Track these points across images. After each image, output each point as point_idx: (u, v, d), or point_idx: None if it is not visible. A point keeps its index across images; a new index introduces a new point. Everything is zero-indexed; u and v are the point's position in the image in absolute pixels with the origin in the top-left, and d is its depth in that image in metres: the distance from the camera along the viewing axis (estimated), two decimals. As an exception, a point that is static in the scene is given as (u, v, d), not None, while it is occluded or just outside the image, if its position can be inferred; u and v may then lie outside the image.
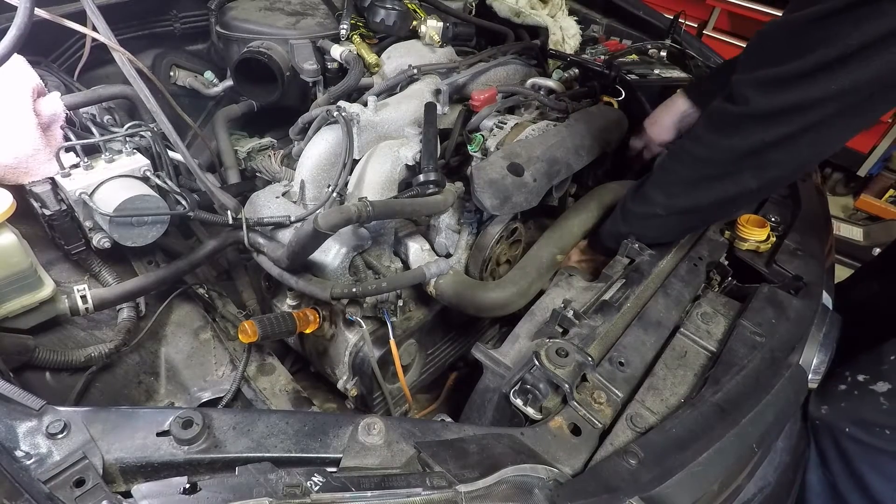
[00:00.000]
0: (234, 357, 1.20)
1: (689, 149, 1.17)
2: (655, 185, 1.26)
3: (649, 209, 1.27)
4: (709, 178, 1.15)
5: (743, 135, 1.05)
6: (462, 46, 1.89)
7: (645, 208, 1.28)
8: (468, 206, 1.34)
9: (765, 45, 1.05)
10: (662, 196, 1.24)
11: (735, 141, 1.07)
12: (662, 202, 1.24)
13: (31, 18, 0.92)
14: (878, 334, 1.36)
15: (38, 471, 0.70)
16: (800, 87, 0.95)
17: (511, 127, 1.41)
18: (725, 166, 1.11)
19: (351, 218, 1.06)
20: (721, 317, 1.20)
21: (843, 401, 1.30)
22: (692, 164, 1.17)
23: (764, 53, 1.03)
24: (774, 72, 0.98)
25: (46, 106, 1.14)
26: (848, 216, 3.69)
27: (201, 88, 1.75)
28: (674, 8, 2.30)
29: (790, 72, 0.96)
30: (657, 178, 1.26)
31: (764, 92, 1.00)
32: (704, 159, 1.13)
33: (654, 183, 1.26)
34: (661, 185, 1.24)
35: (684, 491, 0.85)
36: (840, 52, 0.90)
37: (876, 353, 1.29)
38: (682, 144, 1.20)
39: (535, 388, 0.97)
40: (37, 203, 1.13)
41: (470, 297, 1.23)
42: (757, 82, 1.01)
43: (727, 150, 1.09)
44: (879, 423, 1.25)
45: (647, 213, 1.28)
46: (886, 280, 1.71)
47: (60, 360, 1.05)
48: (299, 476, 0.71)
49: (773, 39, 1.04)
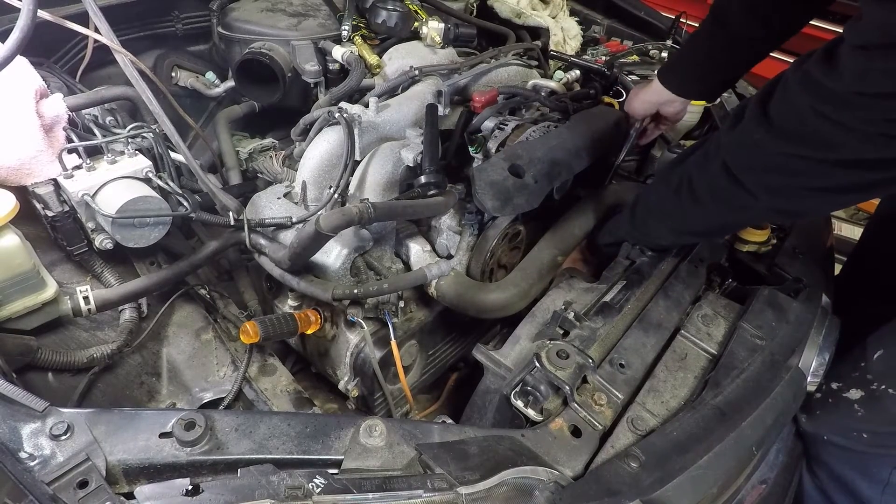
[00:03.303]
0: (236, 358, 1.20)
1: (699, 213, 1.13)
2: (660, 223, 1.24)
3: (654, 241, 1.30)
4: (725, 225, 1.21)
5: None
6: (463, 48, 1.88)
7: (649, 240, 1.30)
8: (469, 207, 1.35)
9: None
10: (670, 235, 1.25)
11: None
12: (670, 238, 1.26)
13: (34, 20, 0.92)
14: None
15: (42, 472, 0.70)
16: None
17: (512, 128, 1.41)
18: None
19: (352, 219, 1.06)
20: (721, 319, 1.20)
21: (818, 409, 1.30)
22: (704, 223, 1.18)
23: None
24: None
25: (49, 107, 1.14)
26: (849, 216, 3.69)
27: (203, 89, 1.75)
28: (675, 8, 2.31)
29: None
30: (661, 217, 1.23)
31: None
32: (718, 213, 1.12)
33: (659, 221, 1.24)
34: (666, 226, 1.24)
35: (685, 494, 0.86)
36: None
37: (847, 361, 1.28)
38: (689, 204, 1.12)
39: (535, 389, 0.98)
40: (39, 204, 1.13)
41: (471, 298, 1.23)
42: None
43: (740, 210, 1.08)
44: (857, 429, 1.24)
45: (651, 242, 1.31)
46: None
47: (63, 360, 1.05)
48: (301, 478, 0.72)
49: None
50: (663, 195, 1.20)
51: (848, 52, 0.81)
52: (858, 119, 0.81)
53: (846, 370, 1.27)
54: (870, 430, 1.23)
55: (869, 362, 1.24)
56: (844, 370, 1.27)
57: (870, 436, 1.23)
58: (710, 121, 1.75)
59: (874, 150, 0.83)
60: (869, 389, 1.22)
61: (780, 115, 0.91)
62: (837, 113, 0.83)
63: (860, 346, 1.28)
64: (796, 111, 0.88)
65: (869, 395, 1.22)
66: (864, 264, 1.72)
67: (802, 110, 0.87)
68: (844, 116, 0.82)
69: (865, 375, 1.24)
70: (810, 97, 0.86)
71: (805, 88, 0.87)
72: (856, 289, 1.56)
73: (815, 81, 0.85)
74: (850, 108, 0.81)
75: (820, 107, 0.84)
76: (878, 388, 1.21)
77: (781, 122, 0.91)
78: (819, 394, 1.28)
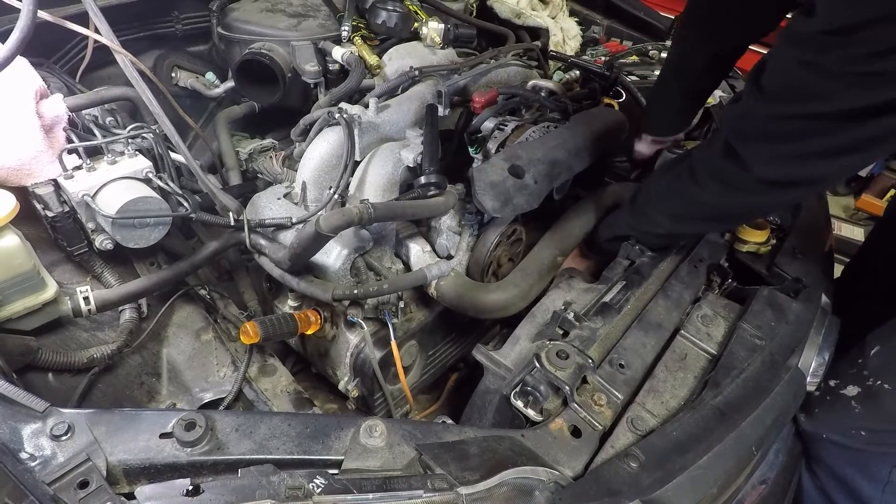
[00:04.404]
0: (236, 358, 1.21)
1: (697, 195, 1.13)
2: (658, 210, 1.24)
3: (652, 228, 1.28)
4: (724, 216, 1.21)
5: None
6: (463, 48, 1.89)
7: (648, 227, 1.29)
8: (469, 207, 1.35)
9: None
10: (668, 222, 1.24)
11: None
12: (667, 226, 1.25)
13: (34, 20, 0.92)
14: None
15: (43, 472, 0.70)
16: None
17: (512, 129, 1.41)
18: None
19: (352, 220, 1.06)
20: (721, 319, 1.20)
21: (816, 407, 1.30)
22: (702, 208, 1.17)
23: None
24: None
25: (49, 108, 1.14)
26: (849, 216, 3.69)
27: (203, 90, 1.75)
28: (675, 8, 2.31)
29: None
30: (660, 203, 1.23)
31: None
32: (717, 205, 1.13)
33: (657, 208, 1.24)
34: (665, 211, 1.23)
35: (684, 494, 0.86)
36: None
37: (844, 358, 1.28)
38: (688, 185, 1.14)
39: (535, 389, 0.98)
40: (39, 205, 1.13)
41: (471, 298, 1.23)
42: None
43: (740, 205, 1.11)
44: (855, 426, 1.25)
45: (650, 231, 1.30)
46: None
47: (63, 361, 1.05)
48: (301, 478, 0.72)
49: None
50: (664, 182, 1.23)
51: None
52: (839, 59, 0.82)
53: (844, 367, 1.27)
54: (868, 427, 1.23)
55: (866, 359, 1.25)
56: (842, 367, 1.27)
57: (868, 434, 1.23)
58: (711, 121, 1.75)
59: (862, 96, 0.83)
60: (866, 385, 1.23)
61: (770, 78, 0.94)
62: (818, 57, 0.84)
63: (858, 344, 1.28)
64: (783, 67, 0.91)
65: (866, 391, 1.23)
66: (865, 264, 1.72)
67: (788, 64, 0.89)
68: (826, 59, 0.83)
69: (862, 372, 1.24)
70: (793, 49, 0.89)
71: (788, 42, 0.91)
72: (857, 289, 1.56)
73: (795, 32, 0.89)
74: (827, 49, 0.83)
75: (801, 55, 0.86)
76: (874, 383, 1.21)
77: (771, 84, 0.93)
78: (817, 392, 1.28)
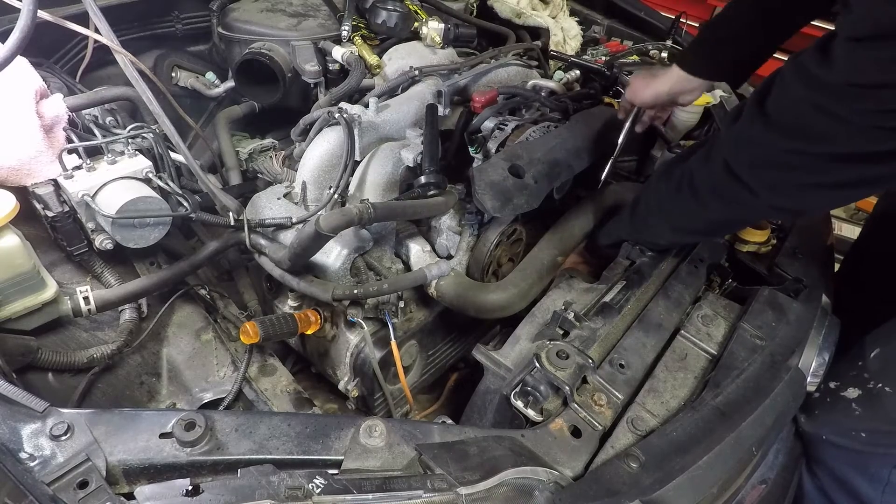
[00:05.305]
0: (236, 358, 1.20)
1: (700, 212, 1.13)
2: (660, 223, 1.24)
3: (654, 239, 1.30)
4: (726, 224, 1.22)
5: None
6: (463, 48, 1.88)
7: (650, 238, 1.30)
8: (469, 207, 1.35)
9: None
10: (669, 234, 1.25)
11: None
12: (669, 237, 1.26)
13: (34, 20, 0.92)
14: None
15: (42, 472, 0.70)
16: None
17: (512, 128, 1.41)
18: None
19: (352, 220, 1.06)
20: (721, 319, 1.20)
21: (817, 409, 1.30)
22: (705, 223, 1.18)
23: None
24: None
25: (49, 108, 1.14)
26: (849, 216, 3.69)
27: (203, 89, 1.75)
28: (675, 8, 2.31)
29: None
30: (661, 216, 1.23)
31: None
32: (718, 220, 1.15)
33: (659, 221, 1.24)
34: (667, 225, 1.23)
35: (684, 494, 0.86)
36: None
37: (845, 360, 1.28)
38: (690, 201, 1.12)
39: (535, 389, 0.98)
40: (39, 205, 1.13)
41: (471, 298, 1.23)
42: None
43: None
44: (855, 428, 1.24)
45: (651, 241, 1.31)
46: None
47: (63, 361, 1.05)
48: (301, 478, 0.72)
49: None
50: (664, 194, 1.20)
51: (841, 43, 0.82)
52: (852, 110, 0.82)
53: (844, 369, 1.27)
54: (868, 429, 1.23)
55: (866, 361, 1.24)
56: (842, 369, 1.27)
57: (868, 435, 1.23)
58: (711, 121, 1.75)
59: (869, 143, 0.84)
60: (866, 388, 1.22)
61: (777, 109, 0.92)
62: (832, 105, 0.84)
63: (858, 345, 1.28)
64: (792, 104, 0.90)
65: (866, 393, 1.22)
66: (860, 264, 1.72)
67: (798, 103, 0.88)
68: (838, 108, 0.83)
69: (863, 374, 1.24)
70: (805, 90, 0.87)
71: (800, 81, 0.88)
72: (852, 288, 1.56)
73: (810, 74, 0.86)
74: (843, 99, 0.82)
75: (815, 99, 0.85)
76: (874, 386, 1.21)
77: (778, 116, 0.92)
78: (818, 393, 1.28)
